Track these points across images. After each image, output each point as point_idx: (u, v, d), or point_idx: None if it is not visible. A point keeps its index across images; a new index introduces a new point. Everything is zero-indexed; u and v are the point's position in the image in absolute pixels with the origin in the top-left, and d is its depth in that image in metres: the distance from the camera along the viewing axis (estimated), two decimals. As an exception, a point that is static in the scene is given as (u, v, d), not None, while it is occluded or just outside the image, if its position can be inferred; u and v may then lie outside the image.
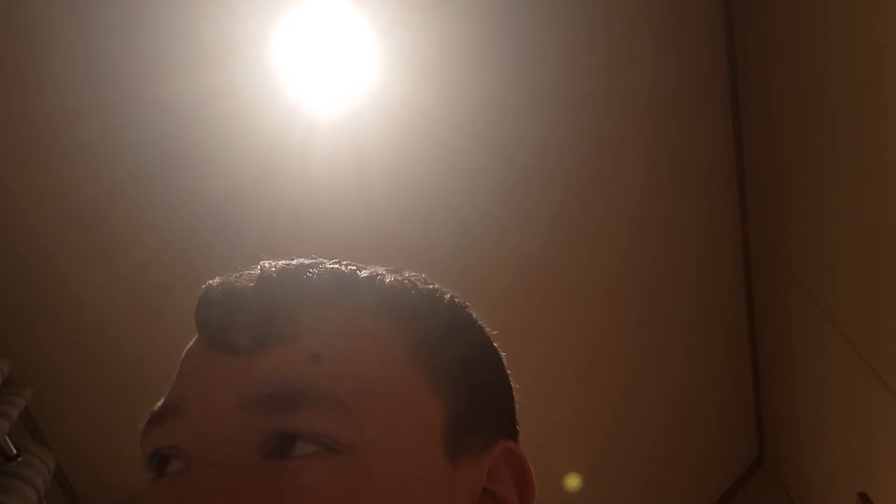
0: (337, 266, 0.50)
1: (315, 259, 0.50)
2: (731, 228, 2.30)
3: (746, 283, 2.39)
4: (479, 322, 0.54)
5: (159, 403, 0.47)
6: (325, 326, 0.46)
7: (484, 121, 1.95)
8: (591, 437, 2.51)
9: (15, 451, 1.80)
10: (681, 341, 2.46)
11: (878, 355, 1.75)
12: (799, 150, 1.90)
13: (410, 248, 2.02)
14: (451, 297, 0.53)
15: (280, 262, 0.50)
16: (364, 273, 0.50)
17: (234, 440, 0.42)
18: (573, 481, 2.40)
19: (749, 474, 2.77)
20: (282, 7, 1.73)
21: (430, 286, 0.53)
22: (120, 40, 1.67)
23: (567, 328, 2.31)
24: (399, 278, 0.51)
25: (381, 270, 0.51)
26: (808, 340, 2.13)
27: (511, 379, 0.55)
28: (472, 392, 0.50)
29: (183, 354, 0.50)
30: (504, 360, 0.55)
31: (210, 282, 0.50)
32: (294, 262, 0.50)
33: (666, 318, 2.40)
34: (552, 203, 2.11)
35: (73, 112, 1.71)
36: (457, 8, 1.82)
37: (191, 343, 0.50)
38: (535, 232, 2.13)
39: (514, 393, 0.55)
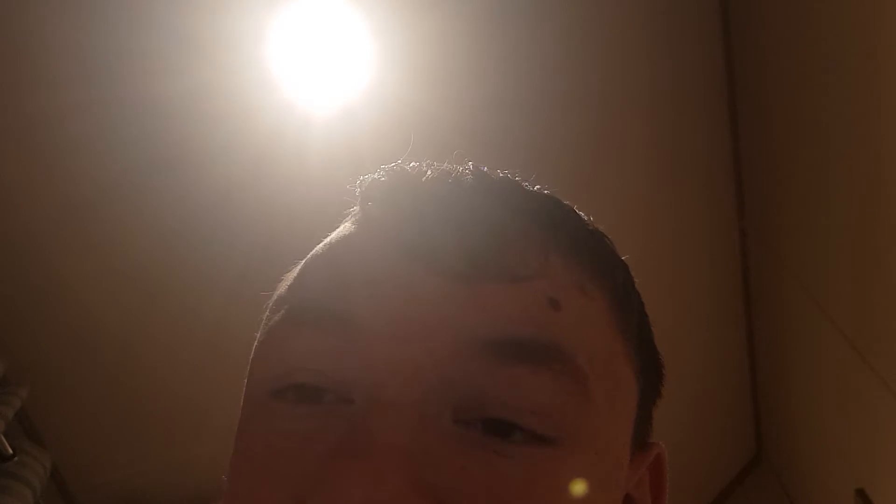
0: (566, 207, 0.39)
1: (521, 178, 0.40)
2: (728, 226, 2.30)
3: (744, 280, 2.39)
4: None
5: (307, 298, 0.35)
6: (555, 274, 0.35)
7: (480, 118, 1.94)
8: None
9: (11, 451, 1.79)
10: (677, 339, 2.46)
11: (875, 352, 1.75)
12: (796, 148, 1.90)
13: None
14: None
15: (489, 173, 0.39)
16: (591, 226, 0.40)
17: (440, 387, 0.32)
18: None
19: (746, 472, 2.77)
20: (277, 4, 1.72)
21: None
22: (114, 37, 1.66)
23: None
24: (606, 239, 0.41)
25: (596, 225, 0.41)
26: (805, 337, 2.13)
27: None
28: (654, 375, 0.41)
29: (332, 241, 0.39)
30: None
31: (406, 167, 0.39)
32: (499, 175, 0.40)
33: (662, 316, 2.39)
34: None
35: (68, 109, 1.70)
36: (453, 4, 1.82)
37: (344, 233, 0.39)
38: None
39: None
